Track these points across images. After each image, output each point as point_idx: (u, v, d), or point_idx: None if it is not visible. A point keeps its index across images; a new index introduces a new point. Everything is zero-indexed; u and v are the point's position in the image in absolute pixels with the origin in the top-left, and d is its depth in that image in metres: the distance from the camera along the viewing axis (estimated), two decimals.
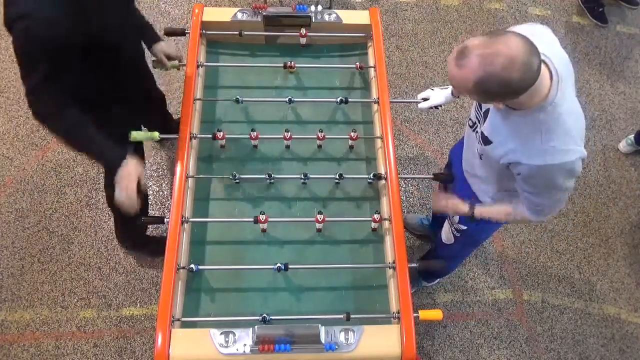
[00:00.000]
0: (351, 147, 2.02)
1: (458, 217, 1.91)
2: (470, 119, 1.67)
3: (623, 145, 3.07)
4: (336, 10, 2.19)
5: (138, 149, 1.98)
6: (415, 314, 1.61)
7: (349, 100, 2.15)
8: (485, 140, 1.52)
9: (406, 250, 1.74)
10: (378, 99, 2.04)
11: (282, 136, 1.97)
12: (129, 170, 1.63)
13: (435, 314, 1.66)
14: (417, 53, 3.30)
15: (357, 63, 2.12)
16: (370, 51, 2.20)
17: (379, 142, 1.99)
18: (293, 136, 1.97)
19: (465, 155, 1.82)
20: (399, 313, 1.62)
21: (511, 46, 1.18)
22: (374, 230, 1.88)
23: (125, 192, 1.61)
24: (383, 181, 1.92)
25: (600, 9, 3.54)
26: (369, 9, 2.20)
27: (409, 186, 2.88)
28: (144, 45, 1.98)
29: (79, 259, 2.57)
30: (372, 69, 2.13)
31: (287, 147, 2.01)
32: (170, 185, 2.73)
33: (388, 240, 1.81)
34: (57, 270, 2.54)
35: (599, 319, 2.61)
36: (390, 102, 2.02)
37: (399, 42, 3.34)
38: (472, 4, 3.55)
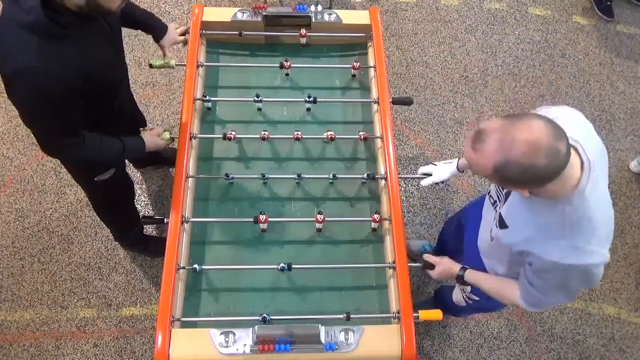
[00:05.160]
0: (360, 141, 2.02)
1: (470, 287, 1.78)
2: (491, 197, 1.54)
3: (634, 165, 3.00)
4: (336, 10, 2.19)
5: None
6: (415, 314, 1.61)
7: (349, 100, 2.16)
8: (502, 223, 1.40)
9: (406, 250, 1.74)
10: (378, 99, 2.04)
11: (283, 136, 1.97)
12: (153, 141, 1.89)
13: (435, 314, 1.66)
14: (417, 53, 3.30)
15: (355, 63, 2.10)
16: (370, 51, 2.20)
17: (379, 142, 1.99)
18: (278, 136, 1.98)
19: (481, 232, 1.69)
20: (399, 313, 1.62)
21: (533, 129, 1.06)
22: (374, 230, 1.88)
23: (162, 148, 1.95)
24: (383, 181, 1.92)
25: (608, 3, 3.54)
26: (369, 9, 2.20)
27: (409, 186, 2.88)
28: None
29: (79, 259, 2.56)
30: (372, 69, 2.13)
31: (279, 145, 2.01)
32: (170, 185, 2.74)
33: (388, 240, 1.81)
34: (57, 270, 2.54)
35: (599, 319, 2.61)
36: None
37: (399, 42, 3.34)
38: (472, 4, 3.55)
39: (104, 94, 1.64)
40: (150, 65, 2.06)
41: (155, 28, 2.00)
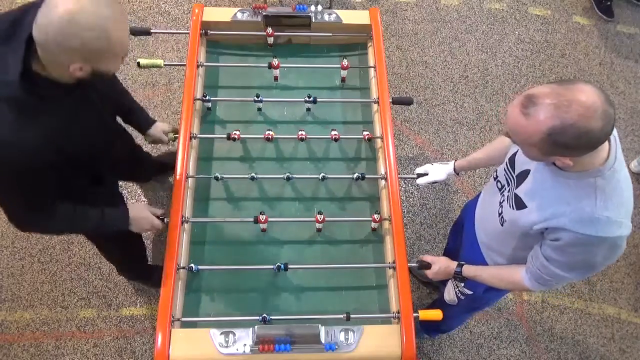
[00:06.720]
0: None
1: (462, 283, 1.77)
2: (498, 181, 1.52)
3: (634, 165, 3.01)
4: (336, 10, 2.19)
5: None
6: (415, 314, 1.61)
7: (349, 100, 2.16)
8: (519, 204, 1.37)
9: (406, 250, 1.74)
10: (378, 98, 2.04)
11: (285, 136, 1.97)
12: (142, 215, 1.72)
13: (435, 314, 1.66)
14: (417, 53, 3.30)
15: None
16: (370, 51, 2.20)
17: (379, 142, 1.99)
18: (280, 136, 1.98)
19: (482, 221, 1.67)
20: (399, 313, 1.62)
21: (588, 93, 1.06)
22: (374, 230, 1.88)
23: (153, 228, 1.75)
24: (383, 181, 1.92)
25: (608, 3, 3.54)
26: (369, 9, 2.21)
27: (409, 186, 2.88)
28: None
29: (79, 259, 2.56)
30: (372, 69, 2.13)
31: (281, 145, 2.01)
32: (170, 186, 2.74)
33: (388, 240, 1.81)
34: (57, 270, 2.54)
35: (599, 319, 2.61)
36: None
37: (399, 42, 3.34)
38: (472, 4, 3.55)
39: (78, 167, 1.49)
40: (138, 64, 2.07)
41: (138, 121, 1.97)
